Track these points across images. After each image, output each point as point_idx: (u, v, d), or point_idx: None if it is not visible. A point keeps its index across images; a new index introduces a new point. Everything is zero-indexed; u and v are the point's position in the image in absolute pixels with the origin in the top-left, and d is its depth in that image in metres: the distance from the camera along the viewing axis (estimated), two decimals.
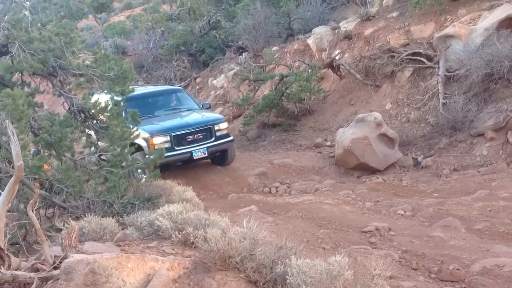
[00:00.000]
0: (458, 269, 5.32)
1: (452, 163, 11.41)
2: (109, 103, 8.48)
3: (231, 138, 12.56)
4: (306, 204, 9.27)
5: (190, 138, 11.66)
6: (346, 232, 7.40)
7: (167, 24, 24.41)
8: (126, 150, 8.31)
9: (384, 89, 14.50)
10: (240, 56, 20.30)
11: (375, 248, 6.51)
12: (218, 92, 19.67)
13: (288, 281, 3.77)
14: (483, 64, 12.01)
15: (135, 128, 8.74)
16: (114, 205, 7.35)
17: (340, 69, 15.76)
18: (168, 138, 11.45)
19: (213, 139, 11.90)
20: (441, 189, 10.12)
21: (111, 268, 3.78)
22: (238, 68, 18.69)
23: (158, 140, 11.34)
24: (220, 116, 13.16)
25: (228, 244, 4.09)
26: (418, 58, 13.95)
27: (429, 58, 13.78)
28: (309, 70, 15.77)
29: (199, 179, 11.71)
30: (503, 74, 11.90)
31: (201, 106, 13.24)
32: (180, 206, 5.56)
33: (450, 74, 13.05)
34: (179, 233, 5.02)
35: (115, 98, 11.90)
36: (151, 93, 13.44)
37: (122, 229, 5.88)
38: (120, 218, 6.57)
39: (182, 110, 12.94)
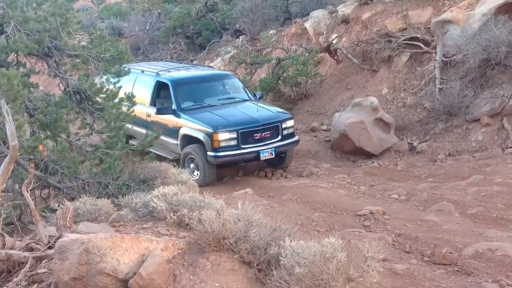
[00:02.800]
0: (451, 253, 5.35)
1: (447, 148, 11.45)
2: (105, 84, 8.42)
3: (297, 138, 11.32)
4: (301, 187, 9.30)
5: (257, 136, 10.45)
6: (340, 216, 7.44)
7: (163, 6, 24.25)
8: (121, 132, 8.29)
9: (381, 74, 14.48)
10: (237, 39, 20.20)
11: (369, 231, 6.54)
12: None
13: (281, 262, 3.79)
14: (480, 50, 12.00)
15: (131, 109, 8.68)
16: (109, 187, 7.36)
17: (337, 53, 15.73)
18: (235, 135, 10.28)
19: (279, 138, 10.70)
20: (435, 174, 10.17)
21: (106, 248, 3.79)
22: (235, 51, 18.60)
23: (223, 136, 10.20)
24: (286, 112, 11.75)
25: (222, 226, 4.11)
26: (416, 43, 13.93)
27: (427, 43, 13.75)
28: (306, 54, 15.73)
29: None
30: (500, 59, 11.90)
31: (253, 95, 11.98)
32: (175, 188, 5.57)
33: (447, 59, 13.04)
34: (174, 215, 5.04)
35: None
36: (200, 77, 12.13)
37: (117, 210, 5.90)
38: (115, 199, 6.59)
39: (237, 100, 11.67)
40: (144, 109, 11.48)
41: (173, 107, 10.99)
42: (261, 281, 3.91)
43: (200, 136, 10.37)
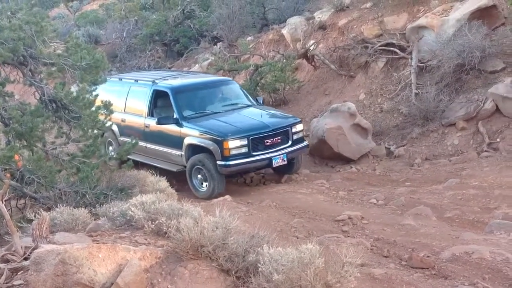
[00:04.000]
0: (428, 256, 5.40)
1: (424, 152, 11.57)
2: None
3: (306, 143, 10.92)
4: (281, 193, 9.32)
5: (268, 142, 9.98)
6: (319, 221, 7.46)
7: (141, 13, 24.14)
8: (98, 140, 8.23)
9: (358, 80, 14.60)
10: (215, 46, 20.20)
11: (348, 236, 6.57)
12: None
13: (260, 269, 3.79)
14: (455, 55, 12.17)
15: (108, 118, 8.60)
16: (87, 196, 7.29)
17: (315, 60, 15.82)
18: (246, 142, 9.77)
19: (290, 143, 10.28)
20: (413, 178, 10.27)
21: (82, 258, 3.76)
22: (213, 58, 18.57)
23: (234, 143, 9.69)
24: (294, 116, 11.39)
25: (200, 234, 4.10)
26: (392, 48, 14.08)
27: (402, 49, 13.91)
28: (284, 60, 15.79)
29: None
30: (474, 64, 12.07)
31: (255, 101, 11.59)
32: (153, 196, 5.56)
33: (422, 64, 13.21)
34: (152, 223, 5.01)
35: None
36: (200, 84, 11.63)
37: (95, 220, 5.85)
38: (93, 209, 6.53)
39: (241, 106, 11.21)
40: (140, 120, 11.15)
41: (174, 116, 10.46)
42: None
43: (208, 145, 9.84)
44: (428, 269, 5.10)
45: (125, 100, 11.56)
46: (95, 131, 8.30)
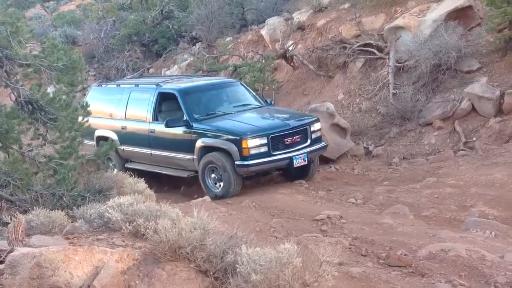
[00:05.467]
0: (405, 255, 5.45)
1: (402, 151, 11.68)
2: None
3: (325, 143, 10.46)
4: (260, 194, 9.33)
5: (288, 141, 9.58)
6: (298, 221, 7.49)
7: (118, 13, 23.95)
8: (75, 141, 8.15)
9: (337, 80, 14.68)
10: (194, 46, 20.15)
11: (327, 235, 6.61)
12: None
13: (238, 269, 3.79)
14: (432, 55, 12.31)
15: (85, 119, 8.50)
16: (64, 198, 7.21)
17: (294, 60, 15.86)
18: (265, 141, 9.35)
19: (309, 142, 9.86)
20: (391, 177, 10.36)
21: (58, 261, 3.72)
22: (192, 58, 18.54)
23: (253, 142, 9.27)
24: (311, 115, 10.93)
25: (178, 235, 4.08)
26: (369, 49, 14.19)
27: (380, 49, 14.02)
28: (263, 60, 15.80)
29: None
30: (450, 65, 12.24)
31: (265, 102, 11.20)
32: (131, 198, 5.52)
33: (400, 65, 13.33)
34: (129, 225, 4.98)
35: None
36: (208, 85, 11.21)
37: (72, 222, 5.79)
38: (70, 211, 6.47)
39: (253, 106, 10.80)
40: (144, 126, 10.65)
41: (184, 118, 9.98)
42: None
43: (225, 145, 9.42)
44: (405, 267, 5.15)
45: (125, 106, 11.09)
46: (72, 133, 8.22)
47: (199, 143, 9.74)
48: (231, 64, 16.33)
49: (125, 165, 11.11)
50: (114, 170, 11.01)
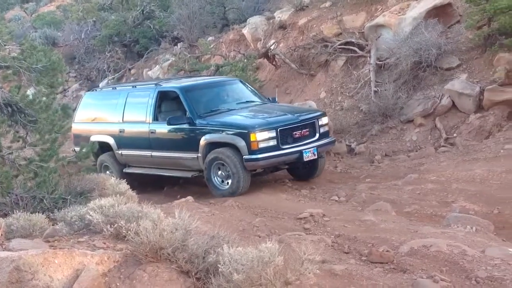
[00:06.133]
0: (387, 251, 5.46)
1: (384, 149, 11.76)
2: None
3: (333, 138, 10.36)
4: (243, 193, 9.30)
5: (297, 134, 9.34)
6: (281, 220, 7.48)
7: (99, 14, 23.86)
8: (56, 144, 8.07)
9: (319, 78, 14.73)
10: (175, 46, 20.12)
11: (309, 233, 6.60)
12: None
13: (220, 269, 3.78)
14: (412, 53, 12.41)
15: (66, 121, 8.42)
16: (44, 201, 7.13)
17: (276, 59, 15.90)
18: (274, 134, 9.08)
19: (317, 136, 9.64)
20: (373, 175, 10.41)
21: (37, 265, 3.68)
22: (174, 58, 18.50)
23: (262, 136, 8.99)
24: (319, 109, 10.80)
25: (159, 236, 4.07)
26: (351, 47, 14.27)
27: (361, 47, 14.10)
28: (245, 60, 15.83)
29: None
30: (430, 62, 12.34)
31: (268, 99, 10.99)
32: (112, 200, 5.48)
33: (381, 62, 13.42)
34: (110, 227, 4.94)
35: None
36: (209, 83, 11.13)
37: (52, 225, 5.74)
38: (51, 214, 6.41)
39: (257, 103, 10.60)
40: (144, 127, 10.37)
41: (187, 116, 9.75)
42: None
43: (232, 139, 9.14)
44: (387, 264, 5.16)
45: (122, 109, 10.81)
46: (53, 135, 8.14)
47: (203, 140, 9.45)
48: (213, 64, 16.32)
49: (124, 170, 10.84)
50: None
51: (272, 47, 15.91)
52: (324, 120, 9.88)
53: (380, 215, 7.40)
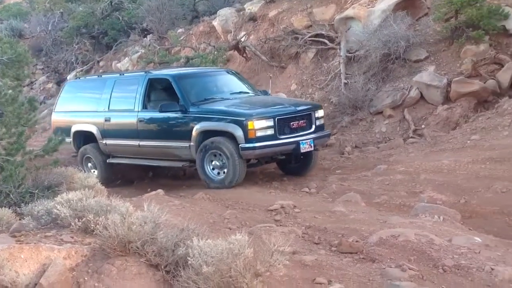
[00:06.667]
0: (357, 241, 5.51)
1: (354, 140, 11.85)
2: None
3: (328, 131, 10.29)
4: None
5: (294, 124, 9.19)
6: (252, 212, 7.48)
7: (66, 5, 23.42)
8: (22, 137, 7.92)
9: (289, 70, 14.76)
10: (145, 38, 19.90)
11: (280, 225, 6.62)
12: None
13: (189, 262, 3.77)
14: (381, 45, 12.51)
15: (33, 114, 8.26)
16: (11, 195, 6.99)
17: (246, 51, 15.85)
18: (272, 123, 8.91)
19: (313, 129, 9.50)
20: (343, 166, 10.49)
21: (3, 260, 3.62)
22: (143, 50, 18.30)
23: (260, 124, 8.81)
24: (315, 102, 10.70)
25: (128, 229, 4.03)
26: (321, 39, 14.33)
27: (331, 40, 14.16)
28: (215, 52, 15.73)
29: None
30: (399, 54, 12.47)
31: (261, 92, 10.84)
32: (80, 193, 5.41)
33: (351, 55, 13.50)
34: (78, 221, 4.88)
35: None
36: (202, 72, 10.99)
37: (19, 220, 5.64)
38: (18, 208, 6.30)
39: (251, 94, 10.43)
40: (132, 115, 10.09)
41: (180, 103, 9.44)
42: (169, 283, 3.87)
43: (228, 127, 8.90)
44: (357, 254, 5.21)
45: (108, 97, 10.51)
46: (19, 128, 7.98)
47: (197, 128, 9.19)
48: (183, 56, 16.18)
49: (108, 161, 10.62)
50: (93, 171, 10.68)
51: (242, 39, 15.87)
52: (320, 113, 9.78)
53: (350, 206, 7.47)
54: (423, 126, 11.51)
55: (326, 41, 14.16)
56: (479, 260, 4.80)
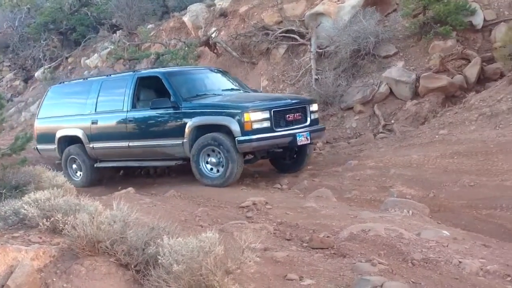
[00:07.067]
0: (328, 237, 5.55)
1: (325, 136, 11.90)
2: None
3: (323, 125, 10.27)
4: (185, 183, 9.24)
5: (290, 117, 9.09)
6: (224, 209, 7.47)
7: (33, 0, 23.00)
8: None
9: (260, 66, 14.76)
10: (114, 34, 19.68)
11: (252, 222, 6.61)
12: (92, 72, 18.95)
13: (159, 261, 3.74)
14: (351, 41, 12.60)
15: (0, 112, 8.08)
16: None
17: (217, 47, 15.81)
18: (268, 115, 8.77)
19: (308, 122, 9.41)
20: (315, 162, 10.53)
21: None
22: (112, 47, 18.10)
23: (256, 116, 8.67)
24: (309, 96, 10.75)
25: (97, 229, 3.98)
26: (292, 35, 14.36)
27: (302, 36, 14.21)
28: (186, 48, 15.63)
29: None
30: (369, 50, 12.58)
31: (252, 90, 10.80)
32: (48, 193, 5.31)
33: (321, 50, 13.56)
34: (47, 221, 4.80)
35: None
36: (191, 69, 11.02)
37: None
38: None
39: (242, 91, 10.32)
40: (121, 116, 9.89)
41: (172, 100, 9.25)
42: (139, 282, 3.83)
43: (224, 121, 8.74)
44: (328, 249, 5.24)
45: (95, 99, 10.29)
46: None
47: (190, 124, 9.01)
48: (153, 52, 16.06)
49: (95, 165, 10.36)
50: (78, 174, 10.51)
51: (213, 35, 15.81)
52: (314, 107, 9.71)
53: (321, 201, 7.51)
54: (392, 121, 11.64)
55: (297, 37, 14.21)
56: (447, 253, 4.88)
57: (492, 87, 10.85)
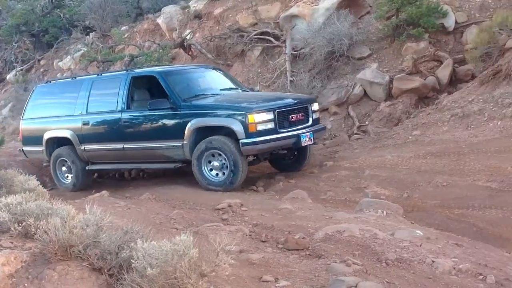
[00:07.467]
0: (303, 238, 5.56)
1: None
2: None
3: (324, 125, 10.18)
4: (160, 186, 9.19)
5: (293, 117, 8.89)
6: (199, 211, 7.44)
7: (5, 2, 22.69)
8: None
9: (236, 68, 14.76)
10: (87, 36, 19.49)
11: (227, 224, 6.60)
12: (65, 75, 18.74)
13: (133, 265, 3.70)
14: (325, 43, 12.69)
15: None
16: None
17: (192, 49, 15.78)
18: (272, 116, 8.54)
19: (310, 122, 9.26)
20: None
21: None
22: (86, 49, 17.92)
23: (260, 117, 8.41)
24: (309, 95, 10.62)
25: (69, 233, 3.92)
26: (266, 37, 14.42)
27: (277, 37, 14.26)
28: (160, 50, 15.59)
29: (45, 168, 11.00)
30: (343, 52, 12.68)
31: (249, 88, 10.74)
32: (20, 197, 5.23)
33: (296, 52, 13.63)
34: (18, 225, 4.71)
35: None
36: (188, 68, 10.76)
37: None
38: None
39: (241, 90, 10.11)
40: (115, 117, 9.57)
41: (170, 100, 8.97)
42: (112, 286, 3.79)
43: (227, 122, 8.47)
44: (303, 250, 5.25)
45: (86, 99, 9.92)
46: None
47: (191, 125, 8.73)
48: (127, 54, 15.95)
49: (87, 168, 10.06)
50: (67, 176, 10.27)
51: (187, 37, 15.77)
52: (315, 106, 9.57)
53: (297, 203, 7.53)
54: (367, 122, 11.74)
55: (272, 39, 14.25)
56: (421, 253, 4.92)
57: (464, 89, 11.02)
